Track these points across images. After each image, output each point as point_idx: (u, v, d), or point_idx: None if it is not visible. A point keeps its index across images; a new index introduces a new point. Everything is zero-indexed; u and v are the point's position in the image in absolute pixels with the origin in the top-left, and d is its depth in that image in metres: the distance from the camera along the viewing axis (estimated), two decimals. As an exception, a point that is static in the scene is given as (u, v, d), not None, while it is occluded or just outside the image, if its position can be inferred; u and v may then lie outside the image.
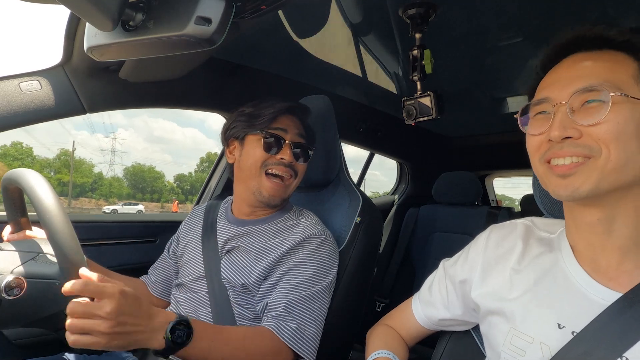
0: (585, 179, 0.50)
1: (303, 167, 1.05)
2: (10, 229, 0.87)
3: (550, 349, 0.54)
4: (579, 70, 0.54)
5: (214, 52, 1.07)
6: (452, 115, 1.82)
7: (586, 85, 0.52)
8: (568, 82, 0.54)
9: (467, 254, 0.72)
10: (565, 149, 0.52)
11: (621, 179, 0.50)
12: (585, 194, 0.51)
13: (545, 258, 0.61)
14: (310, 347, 0.88)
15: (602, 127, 0.50)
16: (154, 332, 0.66)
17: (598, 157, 0.50)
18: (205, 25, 0.60)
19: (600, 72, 0.52)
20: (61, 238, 0.70)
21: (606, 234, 0.54)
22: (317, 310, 0.91)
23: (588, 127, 0.50)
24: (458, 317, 0.73)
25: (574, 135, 0.51)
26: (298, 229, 0.98)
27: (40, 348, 1.06)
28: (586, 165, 0.51)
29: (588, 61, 0.54)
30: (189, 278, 1.02)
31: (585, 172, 0.51)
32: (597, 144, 0.50)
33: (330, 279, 0.96)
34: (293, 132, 1.02)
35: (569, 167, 0.51)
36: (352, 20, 1.26)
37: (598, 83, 0.51)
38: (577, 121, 0.51)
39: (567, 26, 1.17)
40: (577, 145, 0.51)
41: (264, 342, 0.82)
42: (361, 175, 2.61)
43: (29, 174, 0.74)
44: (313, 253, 0.95)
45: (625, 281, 0.53)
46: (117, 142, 62.05)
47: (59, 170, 45.32)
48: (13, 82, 1.03)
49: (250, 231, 1.01)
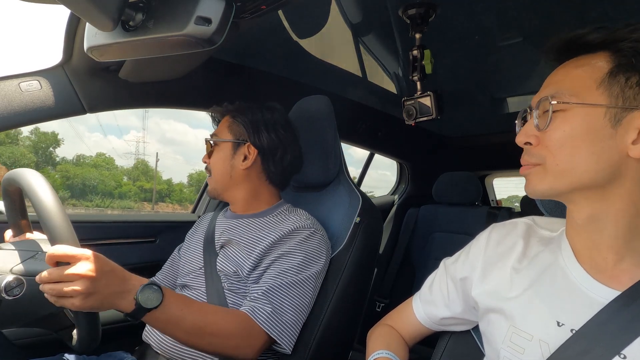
0: (539, 180, 0.55)
1: (211, 163, 1.09)
2: (12, 232, 0.88)
3: (549, 346, 0.54)
4: (550, 78, 0.58)
5: (214, 52, 1.07)
6: (452, 115, 1.82)
7: (545, 94, 0.55)
8: (541, 89, 0.58)
9: (468, 252, 0.72)
10: (524, 156, 0.58)
11: (576, 181, 0.53)
12: (541, 192, 0.56)
13: (545, 256, 0.61)
14: (287, 333, 0.88)
15: (550, 134, 0.54)
16: (125, 293, 0.70)
17: (545, 164, 0.54)
18: (205, 25, 0.60)
19: (564, 79, 0.55)
20: (61, 238, 0.70)
21: (598, 232, 0.55)
22: (297, 298, 0.91)
23: (544, 133, 0.55)
24: (458, 316, 0.73)
25: (533, 142, 0.56)
26: (288, 222, 1.00)
27: (40, 348, 1.06)
28: (536, 168, 0.56)
29: (565, 68, 0.57)
30: (188, 277, 1.03)
31: (537, 174, 0.56)
32: (544, 152, 0.54)
33: (316, 269, 0.96)
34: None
35: (525, 168, 0.58)
36: (352, 20, 1.26)
37: (555, 92, 0.54)
38: (538, 127, 0.56)
39: (567, 26, 1.18)
40: (530, 154, 0.57)
41: (236, 321, 0.84)
42: (361, 175, 2.61)
43: (29, 174, 0.74)
44: (300, 243, 0.96)
45: (625, 279, 0.53)
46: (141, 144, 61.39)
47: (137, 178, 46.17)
48: (13, 82, 1.03)
49: (241, 224, 1.05)
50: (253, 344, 0.85)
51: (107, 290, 0.68)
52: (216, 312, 0.84)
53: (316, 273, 0.96)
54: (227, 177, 1.07)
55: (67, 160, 41.73)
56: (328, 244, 1.04)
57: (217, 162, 1.08)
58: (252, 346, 0.85)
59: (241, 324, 0.84)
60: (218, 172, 1.08)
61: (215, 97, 1.42)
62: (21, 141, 39.45)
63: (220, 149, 1.08)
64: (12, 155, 35.11)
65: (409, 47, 1.19)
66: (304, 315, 0.93)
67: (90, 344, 0.76)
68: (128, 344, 1.13)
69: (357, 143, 2.17)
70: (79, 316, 0.74)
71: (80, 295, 0.65)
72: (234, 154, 1.07)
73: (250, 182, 1.08)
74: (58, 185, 34.57)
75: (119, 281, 0.70)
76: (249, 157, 1.07)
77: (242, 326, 0.84)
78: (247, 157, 1.06)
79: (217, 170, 1.08)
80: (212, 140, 1.09)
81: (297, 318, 0.91)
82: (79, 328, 0.75)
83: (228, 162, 1.07)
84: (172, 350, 0.92)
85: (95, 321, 0.75)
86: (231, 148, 1.07)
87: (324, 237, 1.03)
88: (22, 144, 39.36)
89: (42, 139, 39.81)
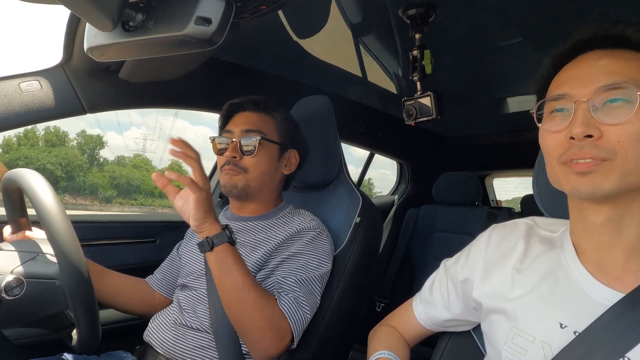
0: (605, 177, 0.49)
1: (251, 162, 1.00)
2: (10, 229, 0.87)
3: (552, 348, 0.54)
4: (600, 67, 0.52)
5: (213, 52, 1.07)
6: (452, 115, 1.82)
7: (610, 82, 0.50)
8: (589, 78, 0.51)
9: (468, 253, 0.72)
10: (585, 149, 0.50)
11: (638, 181, 0.50)
12: (607, 192, 0.50)
13: (548, 257, 0.61)
14: (302, 326, 0.89)
15: (624, 128, 0.48)
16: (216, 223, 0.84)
17: (615, 160, 0.49)
18: (205, 26, 0.60)
19: (623, 70, 0.50)
20: (61, 238, 0.70)
21: (615, 233, 0.54)
22: (310, 295, 0.92)
23: (609, 126, 0.49)
24: (458, 317, 0.73)
25: (595, 134, 0.49)
26: (293, 223, 1.00)
27: (40, 348, 1.06)
28: (604, 165, 0.49)
29: (608, 58, 0.52)
30: (189, 278, 1.03)
31: (604, 170, 0.49)
32: (615, 147, 0.49)
33: (324, 270, 0.96)
34: (239, 129, 1.02)
35: (589, 165, 0.50)
36: (352, 20, 1.26)
37: (622, 80, 0.49)
38: (600, 119, 0.50)
39: (567, 26, 1.18)
40: (596, 147, 0.49)
41: (270, 305, 0.85)
42: (361, 175, 2.61)
43: (28, 174, 0.74)
44: (307, 244, 0.96)
45: (630, 281, 0.53)
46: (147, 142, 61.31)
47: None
48: (13, 82, 1.03)
49: (245, 227, 1.03)
50: (280, 337, 0.84)
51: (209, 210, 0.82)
52: (257, 286, 0.86)
53: (323, 274, 0.97)
54: (268, 179, 1.04)
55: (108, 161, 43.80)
56: (332, 245, 1.04)
57: (261, 161, 1.02)
58: (278, 341, 0.84)
59: (270, 304, 0.85)
60: (259, 171, 1.02)
61: (215, 97, 1.42)
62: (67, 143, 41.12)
63: (266, 149, 1.02)
64: (66, 157, 36.41)
65: (409, 47, 1.19)
66: (312, 313, 0.93)
67: (90, 343, 0.76)
68: (128, 343, 1.13)
69: (357, 143, 2.17)
70: (79, 316, 0.74)
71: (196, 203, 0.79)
72: (280, 157, 1.06)
73: (278, 185, 1.09)
74: (106, 185, 36.21)
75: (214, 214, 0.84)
76: (291, 163, 1.08)
77: (272, 307, 0.85)
78: (289, 163, 1.07)
79: (259, 169, 1.02)
80: (258, 138, 1.01)
81: (309, 314, 0.91)
82: (79, 328, 0.75)
83: (274, 164, 1.05)
84: (174, 350, 0.92)
85: (95, 321, 0.75)
86: (278, 151, 1.05)
87: (329, 237, 1.03)
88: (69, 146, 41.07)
89: (88, 141, 41.66)
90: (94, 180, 36.40)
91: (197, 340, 0.92)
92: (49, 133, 38.92)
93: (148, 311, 1.06)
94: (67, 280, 0.72)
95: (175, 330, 0.94)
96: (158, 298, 1.11)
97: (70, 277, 0.71)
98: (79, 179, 35.91)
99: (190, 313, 0.95)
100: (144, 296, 1.09)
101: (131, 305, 1.07)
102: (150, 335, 0.98)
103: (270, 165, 1.04)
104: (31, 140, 36.81)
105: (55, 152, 36.54)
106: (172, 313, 0.98)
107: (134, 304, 1.07)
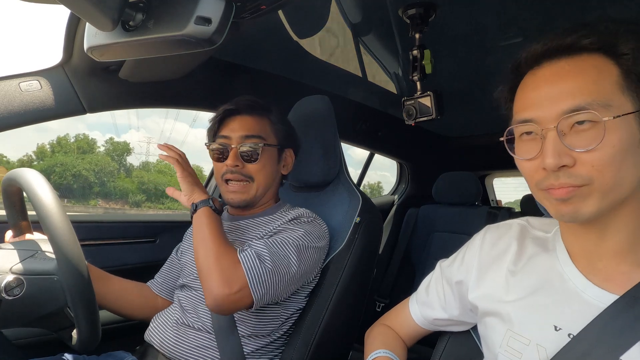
0: (585, 201, 0.49)
1: (255, 168, 0.99)
2: (12, 233, 0.88)
3: (546, 351, 0.54)
4: (561, 86, 0.51)
5: (214, 52, 1.07)
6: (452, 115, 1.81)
7: (573, 105, 0.49)
8: (552, 102, 0.51)
9: (463, 255, 0.72)
10: (561, 179, 0.50)
11: (619, 195, 0.50)
12: (587, 216, 0.50)
13: (541, 259, 0.61)
14: (261, 277, 0.85)
15: (596, 153, 0.48)
16: (204, 194, 0.95)
17: (593, 184, 0.49)
18: (205, 25, 0.59)
19: (584, 87, 0.49)
20: (61, 238, 0.70)
21: (600, 240, 0.54)
22: (279, 256, 0.89)
23: (582, 153, 0.48)
24: (455, 318, 0.73)
25: (569, 162, 0.49)
26: (288, 215, 1.00)
27: (40, 348, 1.06)
28: (582, 190, 0.49)
29: (568, 74, 0.51)
30: (189, 278, 1.03)
31: (583, 195, 0.49)
32: (591, 172, 0.48)
33: (307, 243, 0.94)
34: (237, 134, 0.99)
35: (568, 191, 0.49)
36: (352, 20, 1.26)
37: (586, 103, 0.48)
38: (571, 147, 0.49)
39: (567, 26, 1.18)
40: (571, 176, 0.49)
41: (229, 254, 0.86)
42: (361, 175, 2.61)
43: (29, 174, 0.74)
44: (297, 225, 0.97)
45: (622, 282, 0.53)
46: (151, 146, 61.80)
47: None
48: (13, 82, 1.03)
49: (242, 225, 1.04)
50: (227, 277, 0.83)
51: (199, 183, 0.97)
52: (224, 242, 0.89)
53: (306, 246, 0.93)
54: (271, 182, 1.04)
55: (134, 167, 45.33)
56: (327, 234, 1.03)
57: (265, 167, 1.00)
58: (224, 281, 0.82)
59: (230, 253, 0.86)
60: (266, 178, 1.01)
61: (215, 97, 1.42)
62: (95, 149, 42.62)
63: (267, 154, 1.01)
64: (98, 163, 37.67)
65: (409, 47, 1.19)
66: (282, 275, 0.88)
67: (90, 343, 0.76)
68: (128, 343, 1.13)
69: (357, 143, 2.17)
70: (79, 315, 0.74)
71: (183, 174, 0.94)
72: (279, 158, 1.06)
73: (277, 186, 1.09)
74: (135, 190, 37.56)
75: (203, 188, 0.97)
76: (288, 163, 1.07)
77: (230, 255, 0.86)
78: (286, 163, 1.07)
79: (264, 176, 1.01)
80: (261, 144, 0.99)
81: (274, 271, 0.87)
82: (79, 328, 0.75)
83: (275, 167, 1.05)
84: (174, 350, 0.92)
85: (95, 321, 0.75)
86: (277, 153, 1.05)
87: (323, 226, 1.03)
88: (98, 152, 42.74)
89: (116, 148, 43.04)
90: (124, 185, 37.48)
91: (198, 340, 0.92)
92: (79, 140, 40.32)
93: (150, 315, 1.06)
94: (65, 276, 0.72)
95: (177, 329, 0.94)
96: (160, 302, 1.12)
97: (68, 272, 0.71)
98: (109, 184, 36.94)
99: (191, 313, 0.95)
100: (146, 300, 1.09)
101: (133, 310, 1.07)
102: (151, 335, 0.98)
103: (273, 169, 1.04)
104: (64, 147, 38.32)
105: (89, 158, 37.87)
106: (174, 313, 0.98)
107: (136, 308, 1.07)
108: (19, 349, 1.06)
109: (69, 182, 34.92)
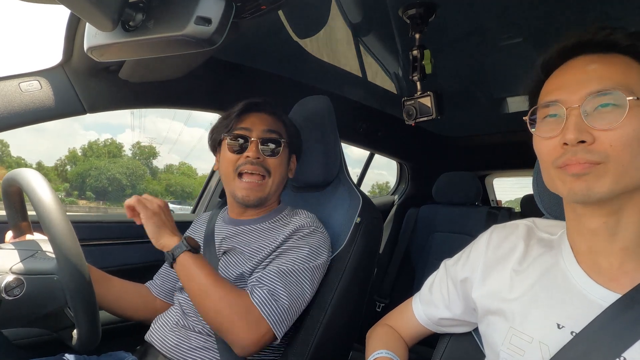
0: (599, 179, 0.50)
1: (275, 163, 1.01)
2: (12, 234, 0.88)
3: (549, 348, 0.54)
4: (589, 72, 0.53)
5: (214, 52, 1.07)
6: (452, 115, 1.82)
7: (600, 88, 0.51)
8: (579, 84, 0.53)
9: (468, 253, 0.72)
10: (579, 154, 0.51)
11: (632, 181, 0.50)
12: (601, 194, 0.50)
13: (546, 259, 0.61)
14: (281, 316, 0.86)
15: (616, 132, 0.49)
16: (174, 236, 0.87)
17: (609, 163, 0.50)
18: (205, 26, 0.60)
19: (612, 75, 0.51)
20: (61, 238, 0.70)
21: (610, 237, 0.54)
22: (293, 285, 0.89)
23: (601, 131, 0.50)
24: (458, 317, 0.73)
25: (588, 139, 0.50)
26: (290, 225, 0.99)
27: (40, 348, 1.06)
28: (598, 168, 0.50)
29: (597, 64, 0.53)
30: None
31: (598, 173, 0.50)
32: (608, 150, 0.50)
33: (316, 263, 0.95)
34: (259, 128, 1.00)
35: (584, 166, 0.50)
36: (352, 20, 1.26)
37: (612, 86, 0.50)
38: (592, 125, 0.50)
39: (567, 26, 1.18)
40: (589, 152, 0.50)
41: (238, 294, 0.85)
42: (361, 175, 2.61)
43: (28, 174, 0.74)
44: (300, 239, 0.96)
45: (626, 282, 0.53)
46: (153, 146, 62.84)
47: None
48: (13, 82, 1.03)
49: (243, 230, 1.03)
50: (251, 327, 0.83)
51: (164, 226, 0.87)
52: (225, 284, 0.86)
53: (315, 267, 0.95)
54: (283, 182, 1.05)
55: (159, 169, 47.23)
56: (329, 241, 1.03)
57: (282, 163, 1.02)
58: (250, 330, 0.82)
59: (242, 303, 0.84)
60: (281, 175, 1.02)
61: (215, 97, 1.42)
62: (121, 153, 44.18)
63: (284, 152, 1.03)
64: (130, 167, 38.96)
65: (409, 47, 1.19)
66: (298, 305, 0.91)
67: (90, 343, 0.76)
68: (128, 343, 1.13)
69: (357, 143, 2.17)
70: (79, 315, 0.74)
71: (149, 217, 0.86)
72: (289, 159, 1.07)
73: (282, 188, 1.10)
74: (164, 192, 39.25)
75: (173, 228, 0.89)
76: (292, 168, 1.09)
77: (242, 300, 0.84)
78: (291, 168, 1.09)
79: (280, 173, 1.02)
80: (283, 140, 1.01)
81: (291, 304, 0.88)
82: (79, 327, 0.75)
83: (286, 168, 1.07)
84: (175, 351, 0.92)
85: (95, 320, 0.75)
86: (288, 155, 1.07)
87: (325, 234, 1.02)
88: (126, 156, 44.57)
89: (143, 151, 44.92)
90: (153, 187, 38.81)
91: (199, 342, 0.92)
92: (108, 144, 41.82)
93: (149, 316, 1.06)
94: (65, 276, 0.72)
95: (178, 331, 0.94)
96: (159, 304, 1.12)
97: (68, 272, 0.71)
98: (139, 186, 37.98)
99: (192, 316, 0.95)
100: (145, 301, 1.09)
101: (132, 311, 1.07)
102: (152, 336, 0.98)
103: (286, 169, 1.06)
104: (96, 152, 39.98)
105: (121, 162, 39.29)
106: (175, 315, 0.98)
107: (136, 309, 1.07)
108: (19, 349, 1.06)
109: (104, 185, 35.88)
